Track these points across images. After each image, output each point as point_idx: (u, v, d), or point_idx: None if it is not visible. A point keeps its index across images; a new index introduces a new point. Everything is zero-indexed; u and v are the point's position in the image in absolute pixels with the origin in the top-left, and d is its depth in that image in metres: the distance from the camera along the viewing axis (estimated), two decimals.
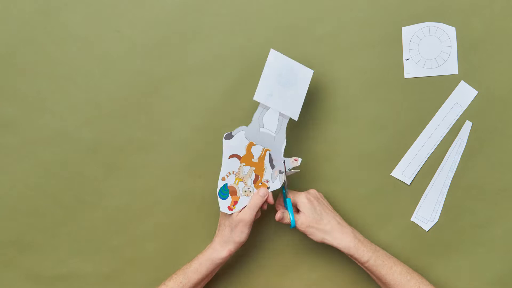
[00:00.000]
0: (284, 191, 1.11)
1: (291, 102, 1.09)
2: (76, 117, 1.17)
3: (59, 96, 1.17)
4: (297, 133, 1.16)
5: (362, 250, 1.07)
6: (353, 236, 1.08)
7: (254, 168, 1.09)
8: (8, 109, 1.17)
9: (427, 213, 1.17)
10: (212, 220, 1.16)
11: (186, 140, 1.17)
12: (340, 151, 1.17)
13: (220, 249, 1.08)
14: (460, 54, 1.16)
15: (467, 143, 1.17)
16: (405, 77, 1.17)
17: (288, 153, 1.14)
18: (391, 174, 1.18)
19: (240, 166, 1.09)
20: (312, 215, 1.08)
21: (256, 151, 1.09)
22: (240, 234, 1.07)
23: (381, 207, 1.17)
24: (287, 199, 1.10)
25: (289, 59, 1.08)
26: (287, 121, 1.09)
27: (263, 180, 1.09)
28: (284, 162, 1.09)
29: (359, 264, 1.09)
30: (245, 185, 1.09)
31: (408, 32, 1.16)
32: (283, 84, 1.09)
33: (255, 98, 1.08)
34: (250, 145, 1.09)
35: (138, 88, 1.17)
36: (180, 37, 1.16)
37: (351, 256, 1.08)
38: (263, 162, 1.10)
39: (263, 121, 1.09)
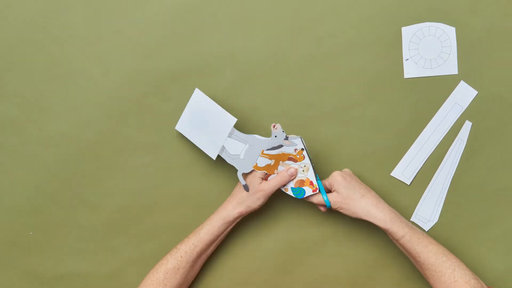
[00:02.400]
0: (316, 178, 1.11)
1: (219, 120, 1.11)
2: (76, 117, 1.17)
3: (59, 96, 1.17)
4: (297, 133, 1.16)
5: (398, 225, 1.05)
6: (389, 210, 1.07)
7: (280, 161, 1.11)
8: (8, 109, 1.17)
9: (427, 213, 1.17)
10: None
11: (186, 140, 1.17)
12: (340, 151, 1.17)
13: (232, 209, 1.09)
14: (460, 54, 1.16)
15: (467, 143, 1.17)
16: (405, 77, 1.17)
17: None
18: (391, 174, 1.18)
19: (276, 170, 1.11)
20: (346, 191, 1.08)
21: (263, 162, 1.11)
22: (256, 201, 1.09)
23: None
24: (318, 181, 1.10)
25: (183, 114, 1.13)
26: (235, 130, 1.10)
27: (294, 153, 1.10)
28: (276, 136, 1.09)
29: (393, 240, 1.08)
30: (296, 169, 1.10)
31: (408, 32, 1.16)
32: (204, 126, 1.12)
33: (214, 158, 1.11)
34: (255, 167, 1.11)
35: (138, 88, 1.17)
36: (180, 37, 1.16)
37: (386, 230, 1.06)
38: (275, 155, 1.10)
39: (234, 154, 1.11)
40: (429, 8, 1.16)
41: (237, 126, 1.14)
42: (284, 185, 1.10)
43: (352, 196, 1.07)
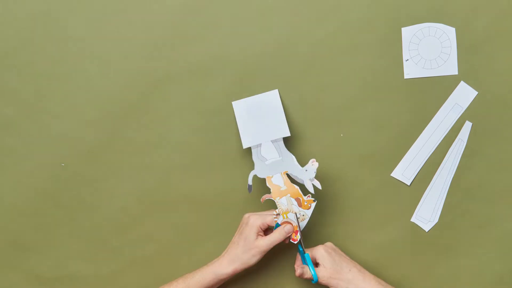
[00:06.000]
0: (300, 248, 1.11)
1: (275, 125, 1.11)
2: (76, 117, 1.17)
3: (59, 97, 1.17)
4: (297, 133, 1.16)
5: None
6: (376, 282, 1.08)
7: (289, 195, 1.10)
8: (8, 109, 1.17)
9: (427, 213, 1.17)
10: (212, 221, 1.16)
11: (186, 140, 1.17)
12: (340, 151, 1.17)
13: (226, 265, 1.07)
14: (460, 55, 1.16)
15: (467, 143, 1.17)
16: (405, 77, 1.17)
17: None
18: (391, 174, 1.18)
19: (277, 202, 1.10)
20: (333, 266, 1.08)
21: (278, 180, 1.10)
22: (251, 258, 1.07)
23: (381, 208, 1.17)
24: (305, 254, 1.10)
25: (250, 98, 1.13)
26: (282, 141, 1.11)
27: (305, 198, 1.10)
28: (306, 170, 1.10)
29: None
30: (294, 213, 1.10)
31: (408, 32, 1.16)
32: (259, 120, 1.12)
33: (244, 146, 1.11)
34: (269, 179, 1.11)
35: (138, 88, 1.17)
36: (180, 37, 1.16)
37: None
38: (291, 184, 1.10)
39: (263, 156, 1.11)
40: (429, 9, 1.16)
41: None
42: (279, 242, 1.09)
43: (339, 272, 1.08)
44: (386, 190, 1.17)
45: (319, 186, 1.10)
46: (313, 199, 1.10)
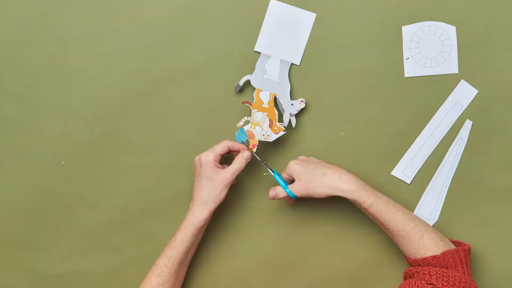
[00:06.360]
0: (270, 170, 1.12)
1: (292, 48, 1.13)
2: (76, 117, 1.17)
3: (59, 96, 1.17)
4: (298, 132, 1.16)
5: (364, 195, 1.05)
6: (354, 180, 1.06)
7: (266, 113, 1.13)
8: (8, 109, 1.17)
9: (427, 212, 1.17)
10: (212, 221, 1.16)
11: (186, 140, 1.17)
12: (340, 151, 1.17)
13: (199, 212, 1.07)
14: (460, 53, 1.16)
15: (467, 142, 1.17)
16: (405, 76, 1.17)
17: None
18: (391, 173, 1.18)
19: (253, 112, 1.13)
20: (306, 175, 1.07)
21: (264, 97, 1.13)
22: (220, 193, 1.07)
23: None
24: (274, 174, 1.11)
25: (290, 6, 1.12)
26: (288, 66, 1.13)
27: (278, 124, 1.13)
28: (292, 105, 1.13)
29: (362, 209, 1.08)
30: (262, 129, 1.13)
31: (408, 31, 1.16)
32: (283, 32, 1.12)
33: (256, 48, 1.12)
34: (258, 91, 1.13)
35: (138, 88, 1.17)
36: (180, 37, 1.16)
37: (354, 201, 1.06)
38: (273, 107, 1.13)
39: (265, 69, 1.13)
40: (430, 7, 1.15)
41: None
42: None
43: (314, 179, 1.06)
44: (386, 188, 1.17)
45: (293, 123, 1.12)
46: (284, 128, 1.13)
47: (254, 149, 1.13)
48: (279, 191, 1.09)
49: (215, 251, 1.17)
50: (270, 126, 1.13)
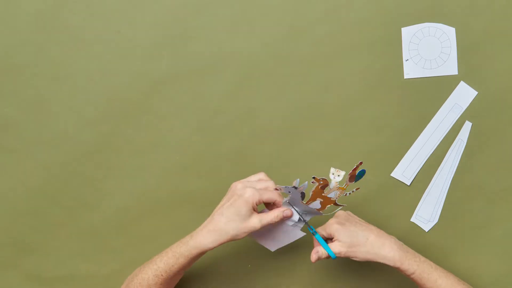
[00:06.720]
0: (312, 231, 1.05)
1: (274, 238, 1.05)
2: (76, 117, 1.17)
3: (59, 97, 1.17)
4: (297, 133, 1.16)
5: (408, 263, 1.03)
6: (396, 248, 1.03)
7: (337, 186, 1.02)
8: (8, 110, 1.17)
9: (427, 213, 1.17)
10: None
11: (186, 140, 1.17)
12: (340, 151, 1.17)
13: (211, 239, 0.99)
14: (460, 55, 1.16)
15: (467, 143, 1.17)
16: (404, 77, 1.17)
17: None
18: (391, 174, 1.18)
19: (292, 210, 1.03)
20: (349, 238, 1.02)
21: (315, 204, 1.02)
22: (240, 234, 0.99)
23: (381, 208, 1.17)
24: (316, 235, 1.05)
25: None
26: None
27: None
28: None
29: (405, 275, 1.05)
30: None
31: (408, 32, 1.16)
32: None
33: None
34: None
35: (138, 88, 1.17)
36: (180, 37, 1.16)
37: (397, 268, 1.04)
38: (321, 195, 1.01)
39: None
40: (429, 9, 1.16)
41: (238, 124, 1.14)
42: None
43: (357, 243, 1.02)
44: (386, 190, 1.17)
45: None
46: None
47: (344, 194, 1.01)
48: (322, 253, 1.03)
49: (215, 251, 1.16)
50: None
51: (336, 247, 1.02)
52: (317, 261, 1.03)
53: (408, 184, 1.18)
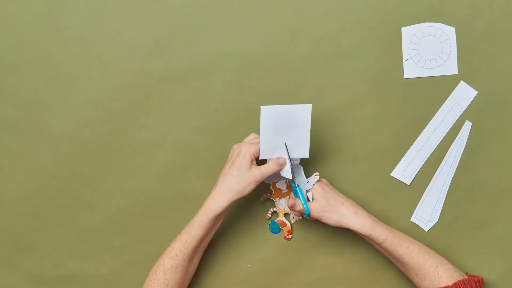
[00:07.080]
0: (292, 183, 1.11)
1: (298, 144, 1.08)
2: (76, 117, 1.17)
3: (59, 97, 1.17)
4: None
5: (379, 230, 1.07)
6: (368, 217, 1.08)
7: (287, 197, 1.15)
8: (8, 110, 1.17)
9: (427, 213, 1.17)
10: None
11: (186, 140, 1.17)
12: (340, 151, 1.17)
13: (220, 198, 1.05)
14: (460, 54, 1.16)
15: (467, 143, 1.17)
16: (404, 77, 1.17)
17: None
18: (391, 174, 1.18)
19: (276, 201, 1.15)
20: (325, 199, 1.08)
21: (281, 185, 1.15)
22: (246, 187, 1.05)
23: (381, 207, 1.17)
24: (297, 188, 1.10)
25: (282, 106, 1.05)
26: (299, 160, 1.12)
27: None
28: (307, 182, 1.12)
29: (375, 245, 1.09)
30: (290, 213, 1.16)
31: (408, 32, 1.16)
32: (283, 133, 1.07)
33: (261, 157, 1.08)
34: (273, 184, 1.16)
35: (138, 88, 1.17)
36: (180, 37, 1.16)
37: (367, 236, 1.08)
38: (290, 190, 1.15)
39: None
40: (429, 8, 1.16)
41: (238, 124, 1.14)
42: (274, 173, 1.08)
43: (332, 204, 1.08)
44: (386, 189, 1.17)
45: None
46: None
47: (290, 236, 1.16)
48: (298, 203, 1.09)
49: (215, 251, 1.16)
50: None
51: (313, 205, 1.08)
52: (292, 209, 1.10)
53: (408, 184, 1.18)
